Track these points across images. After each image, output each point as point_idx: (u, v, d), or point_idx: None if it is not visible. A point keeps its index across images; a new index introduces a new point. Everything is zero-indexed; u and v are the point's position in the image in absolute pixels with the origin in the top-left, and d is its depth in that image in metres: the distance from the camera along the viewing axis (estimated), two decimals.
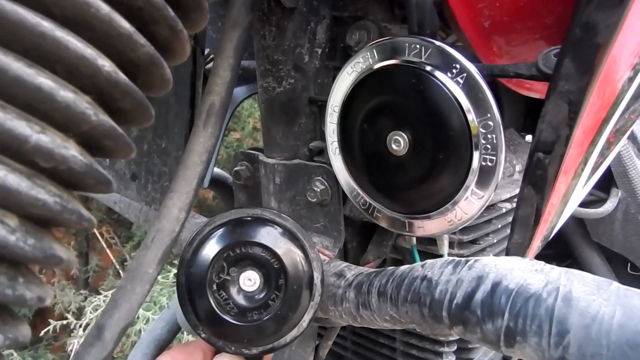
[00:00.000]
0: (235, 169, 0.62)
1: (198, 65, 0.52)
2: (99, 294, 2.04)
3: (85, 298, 2.21)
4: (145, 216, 0.67)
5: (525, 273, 0.35)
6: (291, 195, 0.58)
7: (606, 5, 0.29)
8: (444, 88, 0.40)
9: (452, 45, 0.56)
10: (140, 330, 1.50)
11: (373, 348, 0.76)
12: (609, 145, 0.45)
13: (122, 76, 0.22)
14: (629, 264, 1.03)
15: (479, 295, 0.35)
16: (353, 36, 0.54)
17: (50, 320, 1.97)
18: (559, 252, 1.10)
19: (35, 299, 0.22)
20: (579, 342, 0.31)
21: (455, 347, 0.68)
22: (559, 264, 1.08)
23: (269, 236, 0.40)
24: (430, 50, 0.40)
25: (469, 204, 0.42)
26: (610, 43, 0.31)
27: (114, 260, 2.51)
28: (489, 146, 0.39)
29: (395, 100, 0.43)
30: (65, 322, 1.89)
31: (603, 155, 0.46)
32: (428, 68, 0.40)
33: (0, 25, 0.19)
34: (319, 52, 0.55)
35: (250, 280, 0.40)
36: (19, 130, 0.19)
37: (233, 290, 0.40)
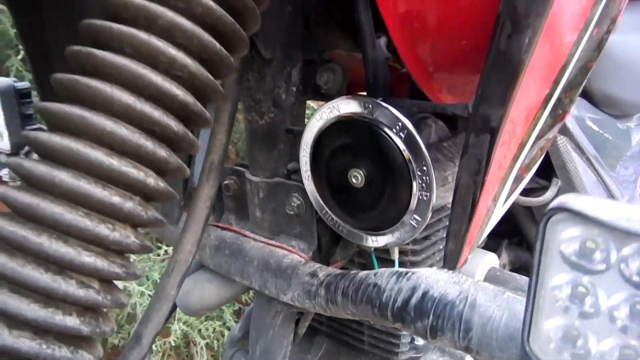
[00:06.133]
0: (225, 182, 0.74)
1: None
2: None
3: None
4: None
5: (447, 284, 0.48)
6: (272, 207, 0.69)
7: (494, 104, 0.41)
8: (390, 140, 0.51)
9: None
10: (135, 303, 1.64)
11: (343, 322, 0.90)
12: (521, 175, 0.57)
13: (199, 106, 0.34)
14: None
15: (413, 301, 0.48)
16: (322, 77, 0.64)
17: None
18: (510, 229, 1.25)
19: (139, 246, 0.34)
20: (478, 336, 0.44)
21: None
22: (510, 240, 1.22)
23: None
24: (379, 110, 0.52)
25: (411, 226, 0.55)
26: (504, 120, 0.43)
27: None
28: (424, 185, 0.52)
29: (353, 144, 0.55)
30: None
31: (517, 182, 0.59)
32: (378, 123, 0.52)
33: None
34: (294, 90, 0.65)
35: None
36: (137, 177, 0.31)
37: None
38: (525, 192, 1.12)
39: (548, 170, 1.08)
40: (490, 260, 1.03)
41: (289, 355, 0.80)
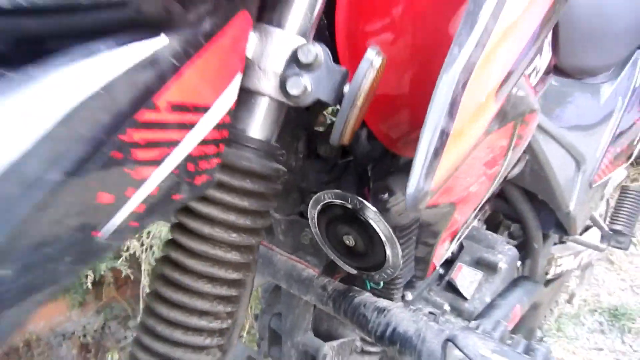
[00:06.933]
0: None
1: None
2: None
3: None
4: None
5: (409, 323, 0.74)
6: (291, 234, 0.94)
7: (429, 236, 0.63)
8: (370, 225, 0.74)
9: None
10: None
11: None
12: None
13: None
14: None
15: (387, 334, 0.75)
16: (321, 148, 0.85)
17: None
18: None
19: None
20: None
21: None
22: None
23: None
24: (362, 205, 0.74)
25: (387, 273, 0.79)
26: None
27: None
28: (395, 253, 0.75)
29: (345, 220, 0.78)
30: None
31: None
32: (361, 212, 0.74)
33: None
34: (301, 156, 0.86)
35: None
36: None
37: None
38: None
39: None
40: None
41: None
